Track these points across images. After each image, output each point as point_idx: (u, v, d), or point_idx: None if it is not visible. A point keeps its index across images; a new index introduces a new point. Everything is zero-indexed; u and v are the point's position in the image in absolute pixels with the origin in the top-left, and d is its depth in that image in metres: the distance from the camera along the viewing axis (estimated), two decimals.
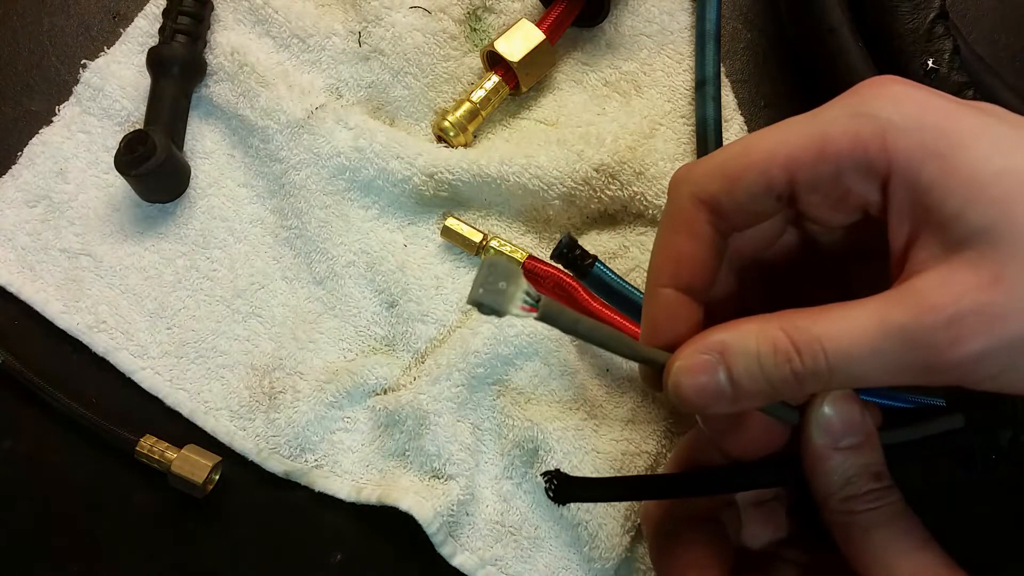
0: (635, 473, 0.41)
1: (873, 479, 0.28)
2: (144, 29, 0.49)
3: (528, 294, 0.23)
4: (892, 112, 0.24)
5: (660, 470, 0.41)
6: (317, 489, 0.42)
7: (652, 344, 0.28)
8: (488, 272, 0.23)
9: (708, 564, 0.31)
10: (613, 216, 0.46)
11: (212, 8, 0.49)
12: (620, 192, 0.44)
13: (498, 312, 0.23)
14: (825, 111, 0.26)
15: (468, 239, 0.44)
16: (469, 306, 0.23)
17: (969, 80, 0.41)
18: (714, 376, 0.25)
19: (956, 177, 0.23)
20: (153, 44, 0.47)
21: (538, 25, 0.46)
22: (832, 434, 0.28)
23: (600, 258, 0.35)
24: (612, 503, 0.40)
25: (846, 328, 0.23)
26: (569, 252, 0.31)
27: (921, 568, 0.26)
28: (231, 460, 0.42)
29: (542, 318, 0.24)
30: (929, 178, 0.24)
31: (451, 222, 0.45)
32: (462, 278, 0.45)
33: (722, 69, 0.48)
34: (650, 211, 0.44)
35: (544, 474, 0.32)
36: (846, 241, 0.29)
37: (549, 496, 0.31)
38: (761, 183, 0.26)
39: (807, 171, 0.25)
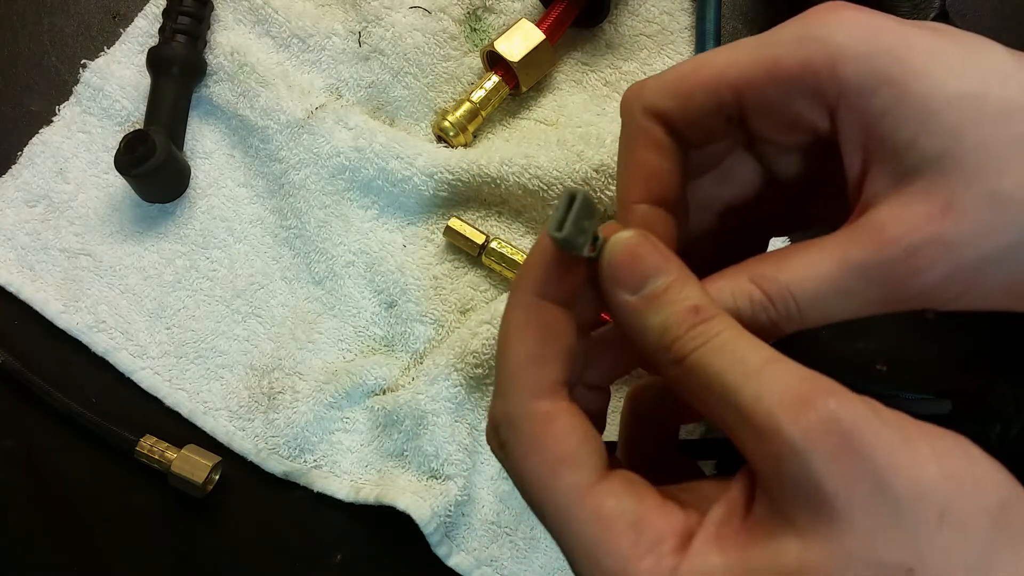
0: None
1: (691, 313, 0.23)
2: (144, 29, 0.49)
3: (596, 236, 0.23)
4: (843, 37, 0.24)
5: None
6: (316, 489, 0.42)
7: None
8: (580, 208, 0.22)
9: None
10: (613, 217, 0.46)
11: (212, 8, 0.49)
12: None
13: (577, 251, 0.22)
14: (775, 34, 0.26)
15: (471, 240, 0.44)
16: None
17: None
18: None
19: (909, 105, 0.23)
20: (153, 44, 0.47)
21: (538, 25, 0.46)
22: (629, 287, 0.23)
23: None
24: None
25: (810, 273, 0.24)
26: None
27: (770, 389, 0.21)
28: (231, 460, 0.42)
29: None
30: (882, 106, 0.23)
31: (454, 222, 0.45)
32: (461, 279, 0.45)
33: None
34: None
35: None
36: (802, 171, 0.29)
37: None
38: (711, 102, 0.26)
39: (755, 93, 0.25)
